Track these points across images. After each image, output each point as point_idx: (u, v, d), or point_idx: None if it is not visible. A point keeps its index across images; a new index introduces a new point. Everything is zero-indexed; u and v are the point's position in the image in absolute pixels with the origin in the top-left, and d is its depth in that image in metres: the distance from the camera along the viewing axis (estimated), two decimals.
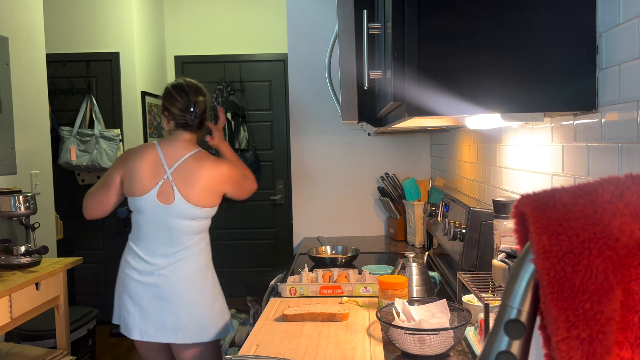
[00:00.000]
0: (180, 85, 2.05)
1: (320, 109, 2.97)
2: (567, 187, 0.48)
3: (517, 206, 0.49)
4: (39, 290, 2.19)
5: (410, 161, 3.00)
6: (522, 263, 0.48)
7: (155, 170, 1.99)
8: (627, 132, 0.94)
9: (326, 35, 2.91)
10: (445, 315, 1.33)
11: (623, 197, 0.45)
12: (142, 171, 1.98)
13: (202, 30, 4.84)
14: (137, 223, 2.03)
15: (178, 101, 2.01)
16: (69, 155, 3.93)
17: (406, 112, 1.06)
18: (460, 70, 1.04)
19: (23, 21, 2.85)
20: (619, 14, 0.96)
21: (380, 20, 1.27)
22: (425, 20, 1.03)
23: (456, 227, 1.65)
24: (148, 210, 1.98)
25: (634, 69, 0.91)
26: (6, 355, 2.30)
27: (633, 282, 0.44)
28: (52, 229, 3.07)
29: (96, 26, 4.18)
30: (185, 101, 2.01)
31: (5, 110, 2.65)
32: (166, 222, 1.97)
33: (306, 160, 3.01)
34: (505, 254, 1.19)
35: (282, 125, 4.88)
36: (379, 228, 3.01)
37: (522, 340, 0.47)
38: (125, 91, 4.20)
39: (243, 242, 4.97)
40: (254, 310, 3.03)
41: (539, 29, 1.03)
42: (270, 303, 1.74)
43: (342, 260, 2.23)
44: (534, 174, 1.39)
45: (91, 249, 4.31)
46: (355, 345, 1.34)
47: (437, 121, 1.56)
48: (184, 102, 2.01)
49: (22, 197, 2.25)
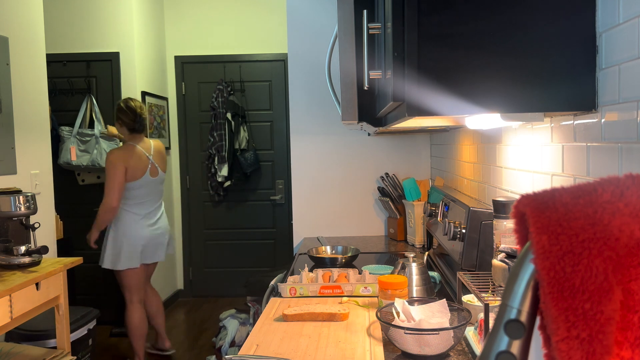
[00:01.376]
0: (129, 104, 3.20)
1: (320, 109, 2.97)
2: (567, 187, 0.48)
3: (517, 206, 0.49)
4: (39, 290, 2.19)
5: (410, 161, 3.00)
6: (522, 263, 0.48)
7: (144, 158, 3.20)
8: (627, 132, 0.94)
9: (326, 35, 2.91)
10: (445, 315, 1.33)
11: (623, 197, 0.45)
12: (138, 161, 3.17)
13: (202, 30, 4.84)
14: (136, 196, 3.20)
15: (128, 115, 3.19)
16: (69, 155, 3.92)
17: (406, 112, 1.06)
18: (460, 70, 1.04)
19: (23, 21, 2.85)
20: (619, 14, 0.96)
21: (380, 20, 1.28)
22: (425, 20, 1.03)
23: (456, 227, 1.65)
24: (146, 184, 3.21)
25: (633, 69, 0.91)
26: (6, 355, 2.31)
27: (633, 282, 0.44)
28: (52, 229, 3.07)
29: (96, 26, 4.18)
30: (134, 114, 3.20)
31: (5, 110, 2.66)
32: (155, 188, 3.28)
33: (306, 160, 3.01)
34: (505, 254, 1.19)
35: (282, 125, 4.88)
36: (379, 228, 3.01)
37: (522, 340, 0.47)
38: (125, 91, 4.20)
39: (243, 242, 4.97)
40: (254, 310, 3.02)
41: (539, 29, 1.03)
42: (270, 303, 1.74)
43: (342, 260, 2.23)
44: (534, 174, 1.39)
45: (91, 249, 4.30)
46: (355, 345, 1.34)
47: (437, 121, 1.56)
48: (134, 115, 3.20)
49: (22, 197, 2.25)
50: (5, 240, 2.24)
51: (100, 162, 3.95)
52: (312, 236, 3.01)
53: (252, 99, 4.87)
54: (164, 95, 4.81)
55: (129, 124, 3.18)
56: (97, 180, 4.11)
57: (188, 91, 4.92)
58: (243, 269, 4.98)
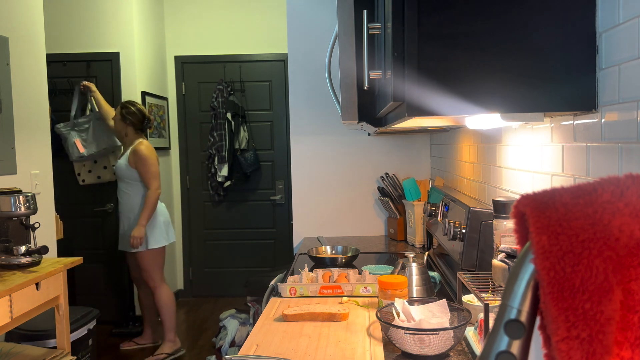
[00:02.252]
0: (137, 106, 3.58)
1: (320, 109, 2.97)
2: (567, 187, 0.48)
3: (517, 206, 0.49)
4: (39, 290, 2.19)
5: (410, 161, 3.00)
6: (522, 263, 0.48)
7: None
8: (627, 132, 0.94)
9: (326, 35, 2.91)
10: (445, 315, 1.33)
11: (623, 197, 0.45)
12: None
13: (202, 30, 4.84)
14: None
15: (137, 116, 3.55)
16: (77, 149, 3.89)
17: (406, 112, 1.06)
18: (460, 70, 1.04)
19: (23, 21, 2.85)
20: (619, 14, 0.96)
21: (380, 20, 1.28)
22: (425, 20, 1.03)
23: (456, 227, 1.65)
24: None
25: (633, 69, 0.91)
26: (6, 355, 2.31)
27: (633, 282, 0.44)
28: (52, 229, 3.07)
29: (96, 26, 4.18)
30: (143, 116, 3.61)
31: (5, 110, 2.66)
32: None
33: (306, 160, 3.01)
34: (505, 254, 1.19)
35: (282, 125, 4.88)
36: (379, 228, 3.01)
37: (522, 340, 0.47)
38: (125, 91, 4.20)
39: (243, 242, 4.97)
40: (254, 310, 3.02)
41: (539, 29, 1.03)
42: (270, 303, 1.74)
43: (342, 260, 2.23)
44: (534, 174, 1.39)
45: (91, 249, 4.31)
46: (355, 345, 1.34)
47: (437, 121, 1.56)
48: (142, 116, 3.59)
49: (22, 197, 2.25)
50: (5, 240, 2.24)
51: (104, 145, 3.96)
52: (312, 236, 3.01)
53: (252, 99, 4.87)
54: (164, 95, 4.81)
55: (137, 124, 3.53)
56: (97, 180, 4.11)
57: (188, 91, 4.92)
58: (243, 269, 4.97)
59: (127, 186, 3.50)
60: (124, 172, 3.47)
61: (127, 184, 3.49)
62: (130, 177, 3.47)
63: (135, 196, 3.49)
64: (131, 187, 3.49)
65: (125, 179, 3.50)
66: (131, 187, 3.49)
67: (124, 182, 3.51)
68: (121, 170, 3.49)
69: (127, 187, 3.50)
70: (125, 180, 3.50)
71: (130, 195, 3.50)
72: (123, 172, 3.48)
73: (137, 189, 3.49)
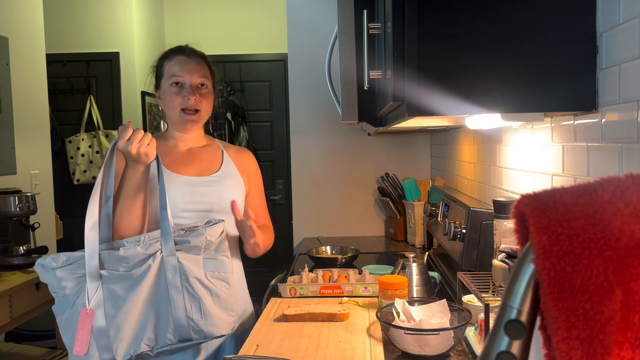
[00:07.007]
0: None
1: (320, 109, 2.97)
2: (567, 187, 0.48)
3: (517, 206, 0.49)
4: (39, 290, 2.19)
5: (410, 161, 3.00)
6: (522, 263, 0.48)
7: None
8: (627, 132, 0.94)
9: (326, 35, 2.90)
10: (445, 315, 1.33)
11: (623, 197, 0.45)
12: None
13: (202, 30, 4.83)
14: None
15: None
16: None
17: (406, 112, 1.06)
18: (460, 70, 1.04)
19: (23, 21, 2.85)
20: (619, 14, 0.96)
21: (380, 20, 1.27)
22: (425, 20, 1.03)
23: (456, 227, 1.65)
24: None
25: (634, 69, 0.91)
26: (6, 355, 2.31)
27: (633, 282, 0.44)
28: (52, 229, 3.07)
29: (96, 26, 4.18)
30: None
31: (5, 110, 2.65)
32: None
33: (306, 160, 3.01)
34: (505, 254, 1.19)
35: (282, 125, 4.88)
36: (379, 228, 3.01)
37: (522, 341, 0.47)
38: (125, 91, 4.20)
39: None
40: None
41: (539, 29, 1.03)
42: (270, 303, 1.74)
43: (342, 260, 2.23)
44: (534, 174, 1.39)
45: None
46: (355, 346, 1.34)
47: (437, 121, 1.56)
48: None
49: (22, 197, 2.25)
50: (5, 240, 2.24)
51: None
52: (312, 236, 3.01)
53: (252, 99, 4.87)
54: None
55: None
56: (92, 180, 4.11)
57: None
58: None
59: None
60: None
61: None
62: None
63: None
64: None
65: None
66: None
67: None
68: None
69: None
70: None
71: None
72: None
73: None
